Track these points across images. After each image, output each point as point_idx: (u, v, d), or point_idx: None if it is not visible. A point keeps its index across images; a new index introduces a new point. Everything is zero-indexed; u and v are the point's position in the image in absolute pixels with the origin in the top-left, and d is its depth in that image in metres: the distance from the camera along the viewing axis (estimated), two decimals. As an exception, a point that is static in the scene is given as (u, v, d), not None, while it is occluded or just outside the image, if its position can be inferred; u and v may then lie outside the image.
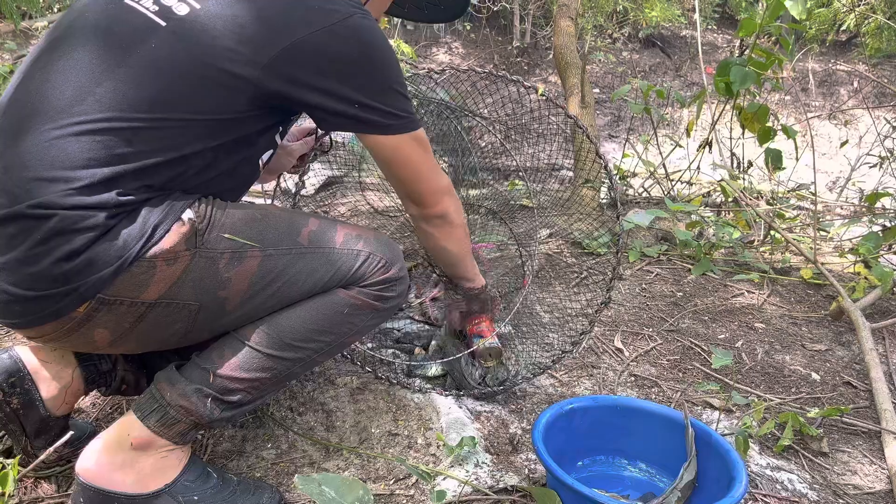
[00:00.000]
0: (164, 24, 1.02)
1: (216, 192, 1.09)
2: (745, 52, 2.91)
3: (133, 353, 1.22)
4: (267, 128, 1.14)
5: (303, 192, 1.65)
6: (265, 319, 1.11)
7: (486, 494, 1.24)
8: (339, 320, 1.14)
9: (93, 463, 1.07)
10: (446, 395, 1.52)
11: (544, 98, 1.54)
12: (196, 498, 1.11)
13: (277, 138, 1.21)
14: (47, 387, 1.16)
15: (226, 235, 1.04)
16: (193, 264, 1.02)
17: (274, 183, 1.71)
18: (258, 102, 1.06)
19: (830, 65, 7.38)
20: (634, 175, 3.66)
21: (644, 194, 3.45)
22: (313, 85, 1.07)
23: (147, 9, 1.03)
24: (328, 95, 1.08)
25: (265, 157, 1.20)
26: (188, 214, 1.01)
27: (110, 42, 1.01)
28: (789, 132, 2.93)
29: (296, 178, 1.64)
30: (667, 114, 6.55)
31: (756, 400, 1.68)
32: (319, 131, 1.59)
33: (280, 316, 1.11)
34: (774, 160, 3.02)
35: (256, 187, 2.80)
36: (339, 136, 1.78)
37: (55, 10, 5.73)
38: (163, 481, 1.10)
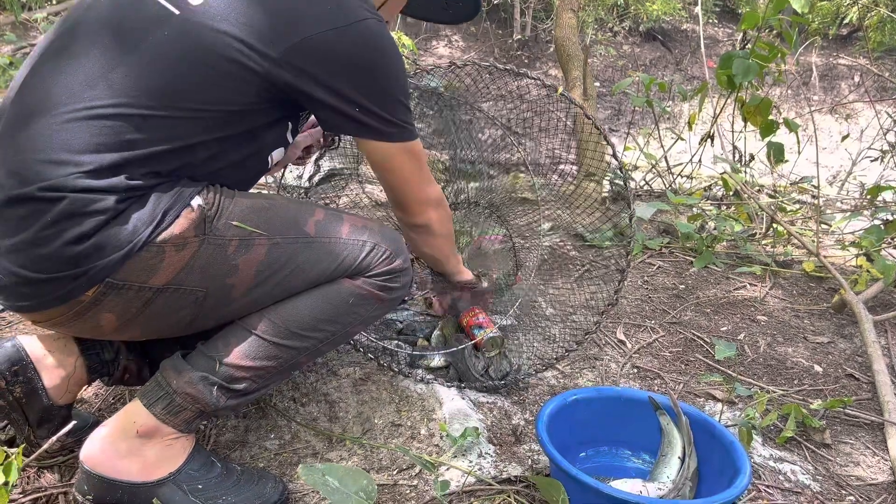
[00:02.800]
0: (177, 12, 1.02)
1: (223, 183, 1.10)
2: (748, 45, 2.90)
3: (138, 339, 1.22)
4: (275, 122, 1.13)
5: (304, 183, 1.64)
6: (271, 308, 1.11)
7: (490, 485, 1.24)
8: (344, 310, 1.15)
9: (97, 450, 1.08)
10: (449, 386, 1.52)
11: (564, 97, 1.54)
12: (200, 486, 1.11)
13: (289, 137, 1.20)
14: (50, 375, 1.16)
15: (234, 223, 1.05)
16: (202, 251, 1.02)
17: (279, 174, 1.71)
18: (266, 95, 1.06)
19: (832, 58, 7.36)
20: (636, 168, 3.65)
21: (646, 187, 3.44)
22: (321, 81, 1.07)
23: None
24: (333, 93, 1.09)
25: (275, 154, 1.20)
26: (197, 201, 1.02)
27: (123, 30, 1.02)
28: (792, 126, 2.92)
29: (299, 170, 1.63)
30: (668, 107, 6.54)
31: (759, 392, 1.67)
32: None
33: (286, 305, 1.12)
34: (776, 153, 3.02)
35: (262, 180, 2.80)
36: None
37: (54, 1, 5.72)
38: (167, 469, 1.10)
